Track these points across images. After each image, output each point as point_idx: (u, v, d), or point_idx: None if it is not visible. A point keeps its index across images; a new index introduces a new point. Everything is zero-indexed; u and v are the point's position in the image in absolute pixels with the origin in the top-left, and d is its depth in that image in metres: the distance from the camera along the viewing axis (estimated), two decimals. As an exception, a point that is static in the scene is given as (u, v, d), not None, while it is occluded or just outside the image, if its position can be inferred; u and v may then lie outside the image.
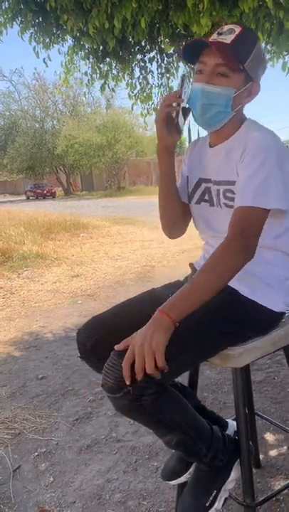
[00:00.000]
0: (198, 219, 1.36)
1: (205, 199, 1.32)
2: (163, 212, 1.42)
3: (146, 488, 1.71)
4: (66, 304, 4.36)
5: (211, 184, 1.29)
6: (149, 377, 1.01)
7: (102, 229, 9.98)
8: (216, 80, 1.17)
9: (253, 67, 1.20)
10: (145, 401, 1.02)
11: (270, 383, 2.42)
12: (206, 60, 1.18)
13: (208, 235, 1.36)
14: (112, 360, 1.05)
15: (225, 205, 1.23)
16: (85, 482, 1.79)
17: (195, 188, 1.36)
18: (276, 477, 1.70)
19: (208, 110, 1.20)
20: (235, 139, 1.23)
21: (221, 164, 1.24)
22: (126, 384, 0.99)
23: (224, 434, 1.27)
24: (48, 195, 32.73)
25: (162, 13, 2.86)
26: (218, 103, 1.19)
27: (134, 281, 5.11)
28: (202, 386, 2.46)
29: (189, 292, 1.08)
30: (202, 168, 1.34)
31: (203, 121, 1.23)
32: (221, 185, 1.24)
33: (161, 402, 1.05)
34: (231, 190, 1.20)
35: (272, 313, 1.20)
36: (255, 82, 1.22)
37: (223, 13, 2.85)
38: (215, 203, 1.29)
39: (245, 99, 1.23)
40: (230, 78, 1.17)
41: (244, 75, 1.19)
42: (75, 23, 2.72)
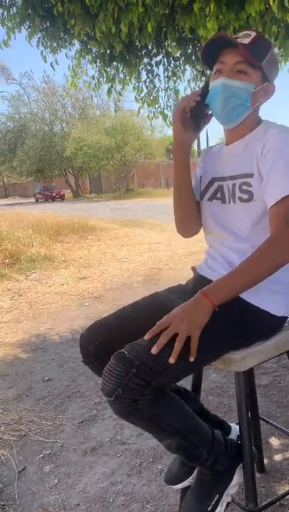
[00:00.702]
0: (209, 216, 1.37)
1: (217, 197, 1.34)
2: (178, 210, 1.44)
3: (150, 491, 1.72)
4: (73, 306, 4.38)
5: (224, 182, 1.31)
6: (143, 381, 1.02)
7: (110, 231, 10.01)
8: (236, 76, 1.22)
9: (268, 68, 1.25)
10: (142, 405, 1.02)
11: (275, 387, 2.41)
12: (225, 59, 1.23)
13: (215, 237, 1.36)
14: (111, 364, 1.06)
15: (239, 199, 1.25)
16: (89, 485, 1.79)
17: (207, 187, 1.38)
18: (280, 482, 1.69)
19: (229, 102, 1.23)
20: (254, 135, 1.26)
21: (238, 158, 1.27)
22: (124, 388, 1.00)
23: (226, 439, 1.27)
24: (56, 197, 32.89)
25: (169, 17, 2.88)
26: (238, 96, 1.23)
27: (141, 283, 5.12)
28: (207, 389, 2.45)
29: (232, 281, 1.11)
30: (216, 167, 1.36)
31: (224, 113, 1.26)
32: (237, 179, 1.26)
33: (159, 406, 1.06)
34: (248, 182, 1.22)
35: (274, 317, 1.20)
36: (270, 84, 1.28)
37: (230, 16, 2.85)
38: (227, 199, 1.30)
39: (261, 98, 1.28)
40: (249, 75, 1.22)
41: (261, 73, 1.24)
42: (82, 28, 2.74)
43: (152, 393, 1.04)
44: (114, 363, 1.05)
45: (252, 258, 1.12)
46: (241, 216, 1.26)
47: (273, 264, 1.11)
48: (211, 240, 1.39)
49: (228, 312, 1.16)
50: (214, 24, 2.70)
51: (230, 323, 1.15)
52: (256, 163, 1.21)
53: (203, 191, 1.40)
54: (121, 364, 1.04)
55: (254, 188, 1.21)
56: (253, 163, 1.22)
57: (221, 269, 1.26)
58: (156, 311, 1.34)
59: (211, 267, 1.31)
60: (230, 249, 1.28)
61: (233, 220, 1.28)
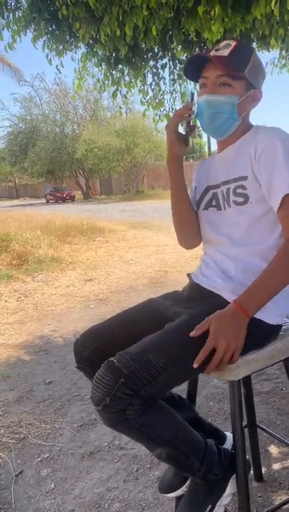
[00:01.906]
0: (205, 224, 1.37)
1: (212, 204, 1.34)
2: (177, 221, 1.44)
3: (145, 498, 1.70)
4: (78, 308, 4.38)
5: (218, 188, 1.31)
6: (132, 390, 1.01)
7: (118, 233, 10.01)
8: (219, 90, 1.24)
9: (252, 75, 1.25)
10: (130, 415, 1.01)
11: (277, 394, 2.38)
12: (208, 74, 1.25)
13: (212, 245, 1.35)
14: (100, 372, 1.05)
15: (234, 202, 1.24)
16: (85, 490, 1.78)
17: (202, 196, 1.38)
18: (278, 492, 1.66)
19: (215, 118, 1.26)
20: (244, 139, 1.27)
21: (230, 163, 1.27)
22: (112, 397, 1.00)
23: (220, 448, 1.25)
24: (67, 198, 33.04)
25: (174, 20, 2.87)
26: (224, 110, 1.24)
27: (147, 286, 5.10)
28: (208, 395, 2.43)
29: (262, 289, 1.12)
30: (210, 176, 1.37)
31: (213, 128, 1.29)
32: (230, 183, 1.25)
33: (148, 416, 1.05)
34: (243, 185, 1.22)
35: (268, 326, 1.18)
36: (257, 89, 1.28)
37: (236, 19, 2.83)
38: (222, 205, 1.30)
39: (249, 105, 1.28)
40: (232, 87, 1.23)
41: (245, 82, 1.25)
42: (87, 31, 2.74)
43: (141, 403, 1.02)
44: (104, 371, 1.05)
45: (276, 262, 1.13)
46: (237, 220, 1.25)
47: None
48: (209, 248, 1.38)
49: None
50: (219, 27, 2.69)
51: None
52: (250, 166, 1.20)
53: (199, 201, 1.40)
54: (109, 373, 1.03)
55: (249, 191, 1.21)
56: (246, 165, 1.21)
57: (215, 276, 1.25)
58: (151, 317, 1.34)
59: (205, 275, 1.30)
60: (226, 255, 1.27)
61: (229, 224, 1.27)
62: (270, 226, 1.22)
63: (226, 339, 1.06)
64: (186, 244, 1.49)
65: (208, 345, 1.06)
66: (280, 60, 3.79)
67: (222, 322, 1.08)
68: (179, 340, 1.10)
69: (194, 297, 1.29)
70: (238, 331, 1.08)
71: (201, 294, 1.27)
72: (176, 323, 1.16)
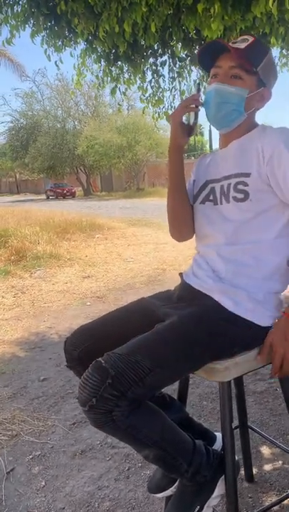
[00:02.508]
0: (201, 218, 1.35)
1: (210, 199, 1.33)
2: (172, 213, 1.42)
3: (136, 497, 1.70)
4: (75, 305, 4.38)
5: (217, 183, 1.30)
6: (118, 391, 1.00)
7: (117, 230, 10.00)
8: (230, 81, 1.23)
9: (264, 73, 1.24)
10: (116, 416, 1.01)
11: (271, 394, 2.37)
12: (221, 64, 1.24)
13: (206, 241, 1.34)
14: (87, 373, 1.04)
15: (234, 198, 1.22)
16: (76, 488, 1.78)
17: (200, 190, 1.37)
18: (268, 493, 1.66)
19: (222, 108, 1.24)
20: (249, 136, 1.26)
21: (233, 158, 1.26)
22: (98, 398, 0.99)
23: (209, 449, 1.25)
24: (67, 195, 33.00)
25: (174, 17, 2.85)
26: (231, 101, 1.23)
27: (145, 284, 5.10)
28: (202, 394, 2.43)
29: None
30: (210, 171, 1.36)
31: (217, 119, 1.27)
32: (231, 178, 1.24)
33: (135, 418, 1.04)
34: (244, 182, 1.20)
35: (258, 328, 1.17)
36: (267, 88, 1.27)
37: (236, 17, 2.82)
38: (219, 200, 1.28)
39: (257, 103, 1.27)
40: (243, 80, 1.23)
41: (257, 78, 1.24)
42: (86, 27, 2.72)
43: (128, 404, 1.02)
44: (91, 372, 1.04)
45: None
46: (233, 216, 1.24)
47: None
48: (201, 246, 1.37)
49: (210, 323, 1.14)
50: (219, 25, 2.67)
51: (213, 335, 1.13)
52: (255, 164, 1.19)
53: (196, 195, 1.38)
54: (97, 373, 1.02)
55: (250, 188, 1.19)
56: (251, 163, 1.20)
57: (205, 277, 1.24)
58: (142, 317, 1.33)
59: (196, 275, 1.29)
60: (218, 254, 1.26)
61: (225, 220, 1.26)
62: (266, 225, 1.21)
63: (283, 348, 1.13)
64: (178, 236, 1.47)
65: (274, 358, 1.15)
66: (280, 58, 3.77)
67: (278, 335, 1.15)
68: (167, 341, 1.09)
69: (185, 298, 1.28)
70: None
71: (191, 294, 1.26)
72: (165, 324, 1.15)
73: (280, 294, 1.26)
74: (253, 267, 1.21)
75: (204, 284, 1.23)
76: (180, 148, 1.32)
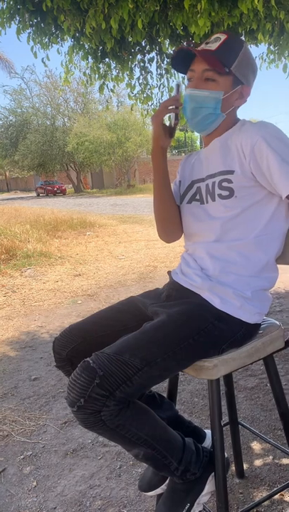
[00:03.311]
0: (189, 217, 1.35)
1: (196, 198, 1.33)
2: (158, 214, 1.42)
3: (127, 495, 1.70)
4: (66, 304, 4.36)
5: (202, 182, 1.30)
6: (107, 391, 1.00)
7: (108, 227, 9.99)
8: (203, 85, 1.22)
9: (240, 70, 1.23)
10: (105, 416, 1.00)
11: (261, 390, 2.38)
12: (194, 68, 1.23)
13: (194, 239, 1.34)
14: (76, 373, 1.04)
15: (219, 196, 1.22)
16: (67, 488, 1.78)
17: (187, 190, 1.37)
18: (259, 488, 1.67)
19: (198, 113, 1.24)
20: (230, 133, 1.26)
21: (216, 156, 1.25)
22: (87, 398, 0.99)
23: (198, 447, 1.25)
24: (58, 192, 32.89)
25: (161, 14, 2.84)
26: (206, 106, 1.23)
27: (136, 281, 5.09)
28: (193, 391, 2.44)
29: None
30: (195, 170, 1.35)
31: (195, 124, 1.28)
32: (216, 176, 1.24)
33: (124, 417, 1.04)
34: (228, 179, 1.20)
35: (247, 325, 1.18)
36: (245, 86, 1.26)
37: (223, 13, 2.81)
38: (205, 199, 1.28)
39: (236, 101, 1.26)
40: (217, 82, 1.21)
41: (232, 78, 1.23)
42: (72, 24, 2.70)
43: (116, 404, 1.02)
44: (79, 372, 1.03)
45: None
46: (219, 213, 1.24)
47: None
48: (190, 244, 1.37)
49: (199, 321, 1.14)
50: (206, 21, 2.66)
51: (201, 332, 1.13)
52: (237, 161, 1.19)
53: (183, 195, 1.38)
54: (84, 374, 1.02)
55: (235, 185, 1.19)
56: (233, 159, 1.20)
57: (193, 275, 1.24)
58: (131, 316, 1.33)
59: (184, 273, 1.29)
60: (206, 252, 1.26)
61: (212, 218, 1.26)
62: (252, 221, 1.21)
63: None
64: (166, 238, 1.48)
65: None
66: (268, 55, 3.76)
67: None
68: (156, 340, 1.09)
69: (173, 296, 1.28)
70: None
71: (179, 292, 1.26)
72: (153, 323, 1.15)
73: (267, 291, 1.27)
74: (241, 265, 1.21)
75: (192, 282, 1.23)
76: (163, 150, 1.32)
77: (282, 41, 3.08)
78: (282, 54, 3.32)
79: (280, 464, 1.78)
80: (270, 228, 1.22)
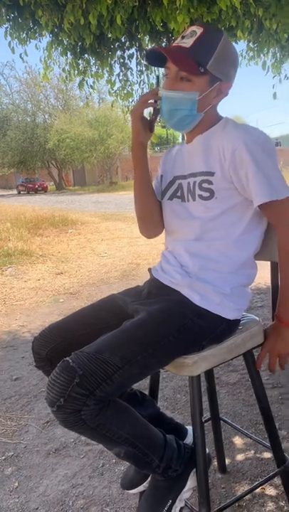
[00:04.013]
0: (170, 214, 1.34)
1: (177, 195, 1.32)
2: (139, 210, 1.41)
3: (110, 493, 1.70)
4: (48, 303, 4.33)
5: (184, 179, 1.28)
6: (87, 390, 0.99)
7: (90, 225, 9.94)
8: (179, 85, 1.18)
9: (219, 67, 1.19)
10: (85, 415, 1.00)
11: (243, 385, 2.41)
12: (170, 65, 1.19)
13: (174, 236, 1.34)
14: (55, 373, 1.03)
15: (200, 197, 1.22)
16: (49, 487, 1.77)
17: (169, 186, 1.35)
18: (241, 482, 1.68)
19: (174, 115, 1.22)
20: (212, 133, 1.23)
21: (198, 156, 1.24)
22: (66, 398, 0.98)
23: (180, 444, 1.25)
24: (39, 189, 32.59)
25: (140, 10, 2.82)
26: (182, 108, 1.20)
27: (119, 278, 5.08)
28: (176, 387, 2.45)
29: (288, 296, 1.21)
30: (177, 166, 1.34)
31: (173, 125, 1.26)
32: (197, 176, 1.23)
33: (104, 416, 1.03)
34: (209, 180, 1.19)
35: (226, 321, 1.18)
36: (224, 82, 1.22)
37: (202, 10, 2.82)
38: (186, 197, 1.27)
39: (214, 99, 1.23)
40: (193, 82, 1.18)
41: (208, 77, 1.18)
42: (50, 19, 2.67)
43: (96, 403, 1.01)
44: (58, 371, 1.02)
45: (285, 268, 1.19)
46: (200, 214, 1.23)
47: None
48: (170, 241, 1.37)
49: (178, 318, 1.14)
50: (185, 17, 2.66)
51: (181, 329, 1.13)
52: (218, 163, 1.18)
53: (164, 190, 1.37)
54: (64, 373, 1.01)
55: (215, 186, 1.19)
56: (214, 161, 1.19)
57: (173, 272, 1.24)
58: (111, 314, 1.32)
59: (164, 270, 1.28)
60: (186, 250, 1.26)
61: (192, 217, 1.25)
62: (232, 222, 1.21)
63: (278, 351, 1.25)
64: (147, 234, 1.47)
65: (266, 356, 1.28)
66: (247, 52, 3.78)
67: (272, 340, 1.26)
68: (136, 338, 1.09)
69: (153, 293, 1.28)
70: (287, 341, 1.24)
71: (160, 289, 1.26)
72: (133, 321, 1.15)
73: (247, 288, 1.28)
74: (220, 262, 1.21)
75: (172, 279, 1.23)
76: (143, 145, 1.30)
77: (261, 38, 3.10)
78: (261, 51, 3.34)
79: (262, 458, 1.80)
80: (251, 228, 1.23)
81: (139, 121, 1.26)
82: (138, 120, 1.26)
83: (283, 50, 3.68)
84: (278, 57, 3.94)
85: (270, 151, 1.16)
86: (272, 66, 3.96)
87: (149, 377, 1.45)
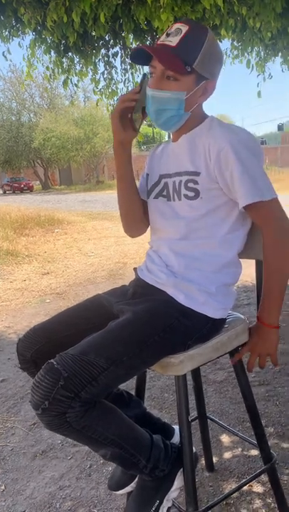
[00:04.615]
0: (155, 213, 1.33)
1: (163, 194, 1.30)
2: (123, 208, 1.40)
3: (98, 495, 1.69)
4: (34, 303, 4.29)
5: (170, 178, 1.27)
6: (72, 392, 0.98)
7: (77, 224, 9.89)
8: (165, 84, 1.16)
9: (204, 65, 1.17)
10: (70, 417, 0.99)
11: (230, 383, 2.41)
12: (155, 64, 1.17)
13: (160, 235, 1.33)
14: (39, 375, 1.01)
15: (185, 196, 1.21)
16: (36, 490, 1.75)
17: (155, 185, 1.34)
18: (228, 480, 1.69)
19: (161, 115, 1.20)
20: (197, 132, 1.22)
21: (184, 155, 1.23)
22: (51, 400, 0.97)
23: (167, 443, 1.25)
24: (25, 189, 32.31)
25: (124, 8, 2.81)
26: (170, 107, 1.18)
27: (106, 278, 5.07)
28: (163, 387, 2.44)
29: (272, 298, 1.21)
30: (163, 164, 1.32)
31: (159, 125, 1.24)
32: (182, 175, 1.22)
33: (90, 418, 1.02)
34: (194, 180, 1.18)
35: (212, 320, 1.18)
36: (210, 80, 1.20)
37: (186, 8, 2.81)
38: (172, 197, 1.27)
39: (200, 98, 1.22)
40: (179, 81, 1.16)
41: (194, 75, 1.17)
42: (33, 16, 2.64)
43: (81, 405, 1.00)
44: (43, 374, 1.01)
45: (270, 267, 1.19)
46: (185, 213, 1.23)
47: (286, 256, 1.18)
48: (155, 240, 1.36)
49: (164, 318, 1.13)
50: (169, 16, 2.65)
51: (167, 329, 1.12)
52: (204, 163, 1.17)
53: (150, 189, 1.36)
54: (48, 375, 0.99)
55: (200, 186, 1.18)
56: (200, 161, 1.18)
57: (159, 272, 1.23)
58: (96, 314, 1.31)
59: (149, 270, 1.28)
60: (171, 249, 1.25)
61: (177, 216, 1.25)
62: (217, 222, 1.21)
63: (259, 351, 1.26)
64: (131, 233, 1.46)
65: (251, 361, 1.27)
66: (232, 50, 3.79)
67: (254, 340, 1.26)
68: (121, 338, 1.08)
69: (139, 293, 1.27)
70: (268, 341, 1.24)
71: (145, 289, 1.25)
72: (118, 321, 1.14)
73: (232, 287, 1.28)
74: (205, 261, 1.21)
75: (157, 279, 1.23)
76: (123, 144, 1.28)
77: (245, 37, 3.11)
78: (246, 49, 3.36)
79: (249, 456, 1.81)
80: (235, 228, 1.23)
81: (117, 120, 1.23)
82: (116, 119, 1.23)
83: (267, 48, 3.70)
84: (262, 56, 3.96)
85: (255, 151, 1.15)
86: (256, 65, 3.99)
87: (136, 377, 1.44)
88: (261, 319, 1.23)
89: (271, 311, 1.21)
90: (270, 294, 1.20)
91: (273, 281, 1.19)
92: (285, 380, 2.39)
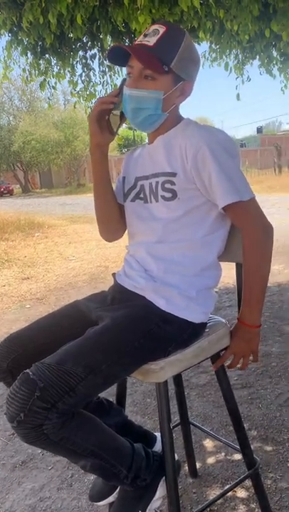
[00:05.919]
0: (132, 216, 1.31)
1: (140, 197, 1.28)
2: (99, 213, 1.38)
3: (79, 505, 1.65)
4: (13, 309, 4.22)
5: (146, 180, 1.26)
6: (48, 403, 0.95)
7: (58, 228, 9.80)
8: (143, 84, 1.15)
9: (182, 66, 1.16)
10: (47, 429, 0.95)
11: (213, 386, 2.40)
12: (133, 63, 1.15)
13: (137, 239, 1.30)
14: (14, 386, 0.98)
15: (162, 197, 1.19)
16: (16, 502, 1.70)
17: (131, 188, 1.32)
18: (212, 486, 1.67)
19: (138, 114, 1.19)
20: (173, 133, 1.21)
21: (160, 156, 1.21)
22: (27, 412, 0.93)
23: (148, 452, 1.22)
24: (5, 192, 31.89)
25: (101, 9, 2.78)
26: (147, 107, 1.17)
27: (87, 282, 5.02)
28: (146, 392, 2.42)
29: (253, 298, 1.21)
30: (140, 167, 1.30)
31: (137, 125, 1.23)
32: (159, 176, 1.20)
33: (67, 429, 0.99)
34: (171, 181, 1.17)
35: (193, 325, 1.16)
36: (187, 82, 1.20)
37: (164, 10, 2.81)
38: (148, 199, 1.24)
39: (177, 98, 1.21)
40: (157, 80, 1.15)
41: (172, 76, 1.16)
42: (8, 17, 2.59)
43: (59, 416, 0.96)
44: (18, 385, 0.97)
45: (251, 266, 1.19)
46: (162, 214, 1.21)
47: (267, 251, 1.18)
48: (132, 244, 1.34)
49: (143, 324, 1.11)
50: (147, 18, 2.64)
51: (146, 335, 1.09)
52: (180, 164, 1.15)
53: (127, 193, 1.34)
54: (24, 387, 0.96)
55: (177, 187, 1.17)
56: (176, 162, 1.16)
57: (137, 277, 1.20)
58: (74, 321, 1.27)
59: (128, 275, 1.25)
60: (148, 253, 1.23)
61: (155, 219, 1.23)
62: (195, 223, 1.20)
63: (242, 353, 1.25)
64: (107, 237, 1.45)
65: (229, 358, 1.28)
66: (210, 53, 3.80)
67: (236, 342, 1.25)
68: (99, 346, 1.05)
69: (118, 299, 1.24)
70: (250, 342, 1.24)
71: (124, 295, 1.22)
72: (97, 328, 1.11)
73: (212, 290, 1.26)
74: (184, 265, 1.19)
75: (136, 284, 1.20)
76: (99, 147, 1.26)
77: (223, 40, 3.12)
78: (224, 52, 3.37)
79: (232, 460, 1.79)
80: (214, 229, 1.21)
81: (94, 123, 1.21)
82: (93, 122, 1.21)
83: (245, 51, 3.73)
84: (240, 59, 3.98)
85: (232, 152, 1.15)
86: (234, 67, 4.01)
87: (116, 384, 1.41)
88: (242, 320, 1.22)
89: (252, 311, 1.21)
90: (250, 294, 1.20)
91: (254, 281, 1.19)
92: (268, 382, 2.39)
